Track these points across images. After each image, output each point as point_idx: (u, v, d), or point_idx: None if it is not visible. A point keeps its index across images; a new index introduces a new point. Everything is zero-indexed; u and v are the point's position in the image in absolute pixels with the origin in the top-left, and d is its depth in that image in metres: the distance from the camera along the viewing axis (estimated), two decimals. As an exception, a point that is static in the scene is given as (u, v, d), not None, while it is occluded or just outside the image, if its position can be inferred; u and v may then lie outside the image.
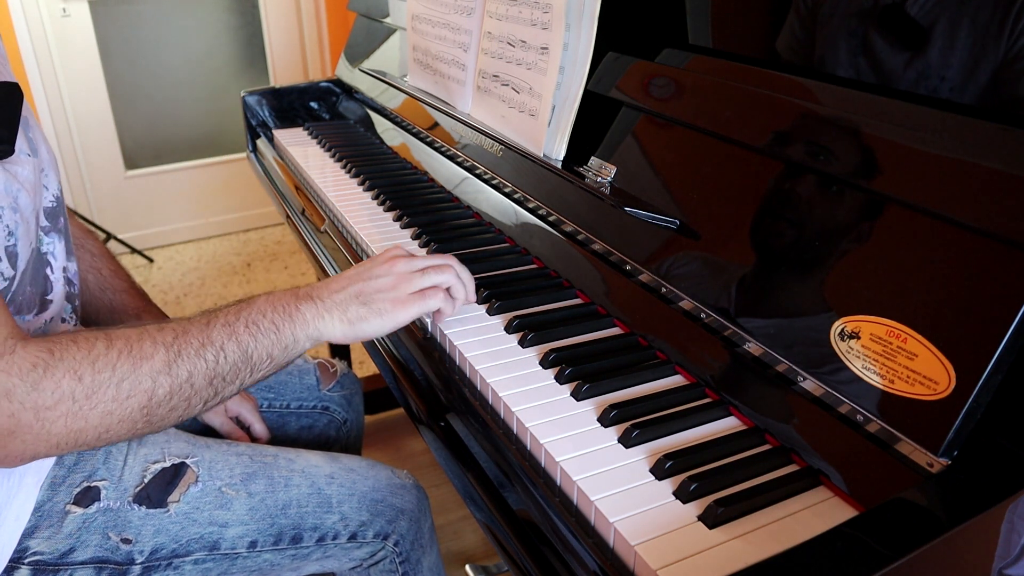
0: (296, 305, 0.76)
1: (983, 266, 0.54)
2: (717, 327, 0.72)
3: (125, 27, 3.01)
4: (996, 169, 0.55)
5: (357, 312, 0.77)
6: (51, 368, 0.63)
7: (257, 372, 0.74)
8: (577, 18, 0.94)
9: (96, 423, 0.65)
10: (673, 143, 0.85)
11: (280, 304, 0.75)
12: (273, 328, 0.74)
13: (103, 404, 0.65)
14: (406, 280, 0.79)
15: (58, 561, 0.78)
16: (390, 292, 0.78)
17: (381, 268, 0.80)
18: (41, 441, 0.64)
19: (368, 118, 1.62)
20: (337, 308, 0.77)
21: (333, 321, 0.76)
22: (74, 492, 0.80)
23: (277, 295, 0.77)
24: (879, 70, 0.68)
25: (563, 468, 0.62)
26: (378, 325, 0.77)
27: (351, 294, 0.78)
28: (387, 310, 0.78)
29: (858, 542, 0.47)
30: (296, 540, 0.88)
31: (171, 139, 3.23)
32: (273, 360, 0.75)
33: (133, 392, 0.66)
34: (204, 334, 0.70)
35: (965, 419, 0.52)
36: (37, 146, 0.81)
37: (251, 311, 0.74)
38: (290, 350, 0.75)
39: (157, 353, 0.67)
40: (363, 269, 0.80)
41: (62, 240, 0.86)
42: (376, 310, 0.77)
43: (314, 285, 0.79)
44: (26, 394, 0.62)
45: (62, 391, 0.63)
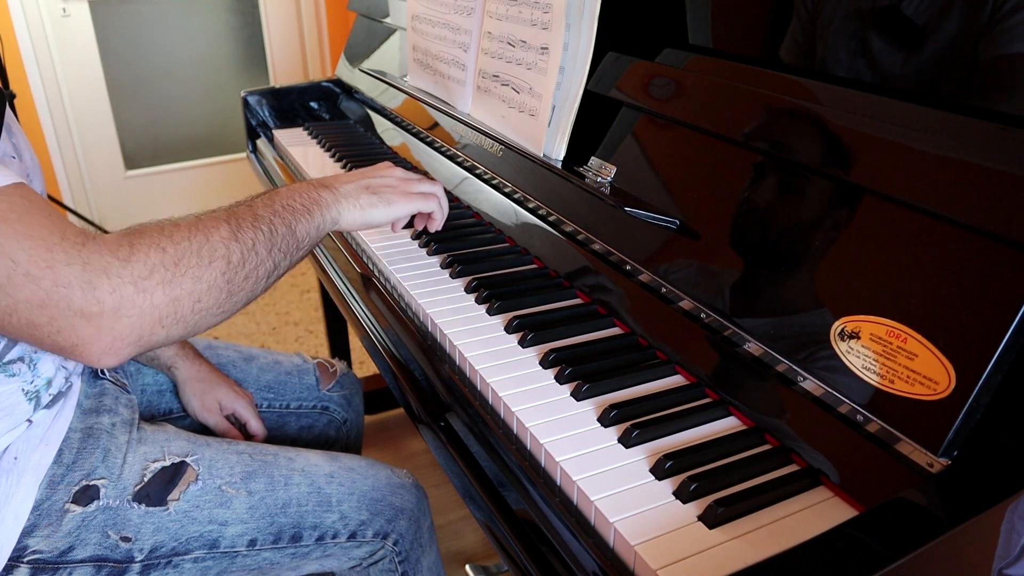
0: (318, 192, 0.84)
1: (983, 266, 0.54)
2: (717, 327, 0.72)
3: (125, 27, 3.01)
4: (996, 169, 0.55)
5: (368, 200, 0.87)
6: (136, 244, 0.67)
7: (301, 248, 0.81)
8: (577, 18, 0.94)
9: (189, 288, 0.69)
10: (673, 143, 0.85)
11: (303, 191, 0.83)
12: (305, 210, 0.81)
13: (191, 269, 0.69)
14: (406, 183, 0.93)
15: (57, 559, 0.78)
16: (395, 188, 0.90)
17: (385, 171, 0.92)
18: (145, 315, 0.66)
19: (368, 118, 1.62)
20: (351, 195, 0.87)
21: (348, 206, 0.86)
22: (73, 491, 0.80)
23: (296, 185, 0.84)
24: (879, 70, 0.68)
25: (563, 468, 0.62)
26: (384, 212, 0.88)
27: (361, 186, 0.88)
28: (394, 200, 0.89)
29: (858, 542, 0.47)
30: (296, 539, 0.88)
31: (171, 139, 3.23)
32: (310, 237, 0.82)
33: (213, 257, 0.71)
34: (251, 212, 0.77)
35: (965, 419, 0.52)
36: (21, 151, 0.81)
37: (281, 196, 0.81)
38: (320, 229, 0.83)
39: (220, 225, 0.73)
40: (368, 170, 0.92)
41: None
42: (384, 199, 0.89)
43: (325, 178, 0.88)
44: (122, 267, 0.65)
45: (152, 261, 0.67)
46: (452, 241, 1.05)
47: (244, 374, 1.14)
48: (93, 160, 3.08)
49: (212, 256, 0.71)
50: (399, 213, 0.90)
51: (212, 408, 1.07)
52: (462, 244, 1.04)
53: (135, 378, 1.06)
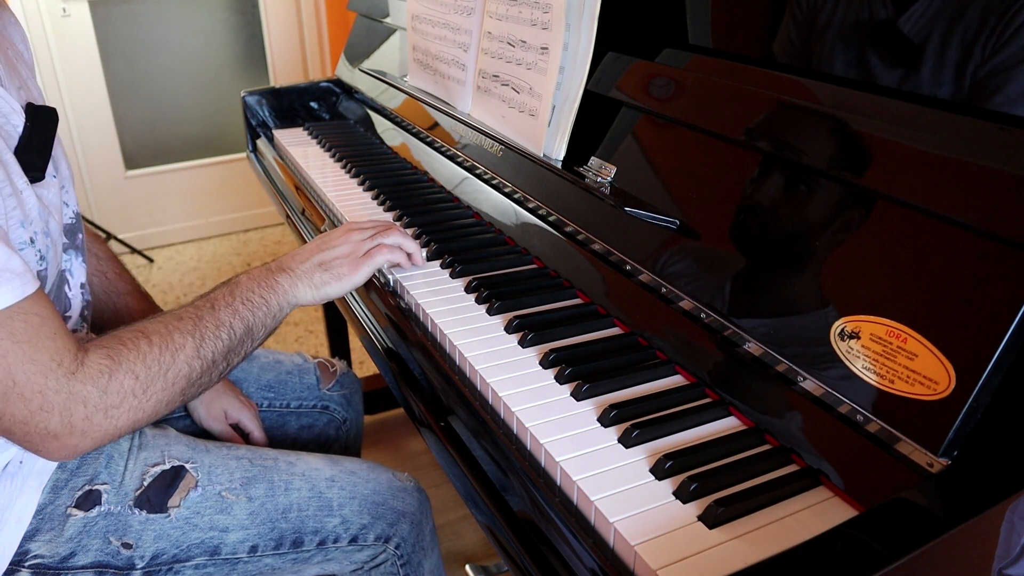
0: (275, 278, 0.87)
1: (983, 266, 0.54)
2: (717, 327, 0.72)
3: (125, 27, 3.01)
4: (996, 169, 0.55)
5: (321, 277, 0.90)
6: (114, 372, 0.71)
7: (256, 340, 0.85)
8: (577, 18, 0.94)
9: (151, 410, 0.75)
10: (673, 143, 0.85)
11: (262, 279, 0.87)
12: (263, 301, 0.85)
13: (156, 394, 0.74)
14: (358, 246, 0.93)
15: (59, 565, 0.78)
16: (346, 259, 0.92)
17: (338, 240, 0.93)
18: (108, 435, 0.72)
19: (368, 118, 1.62)
20: (305, 276, 0.89)
21: (304, 288, 0.89)
22: (76, 495, 0.80)
23: (256, 272, 0.88)
24: (879, 70, 0.68)
25: (563, 468, 0.62)
26: (338, 287, 0.91)
27: (315, 264, 0.90)
28: (344, 274, 0.91)
29: (858, 542, 0.47)
30: (297, 544, 0.88)
31: (171, 139, 3.23)
32: (267, 328, 0.86)
33: (176, 378, 0.76)
34: (215, 317, 0.81)
35: (965, 419, 0.52)
36: (59, 164, 0.82)
37: (241, 290, 0.84)
38: (277, 317, 0.87)
39: (187, 343, 0.77)
40: (322, 241, 0.94)
41: (79, 256, 0.87)
42: (335, 275, 0.90)
43: (283, 258, 0.91)
44: (99, 398, 0.70)
45: (125, 390, 0.72)
46: (452, 241, 1.05)
47: (245, 373, 1.14)
48: (93, 160, 3.08)
49: (176, 377, 0.76)
50: (352, 285, 0.92)
51: (218, 416, 1.07)
52: (462, 244, 1.04)
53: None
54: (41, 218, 0.75)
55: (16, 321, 0.66)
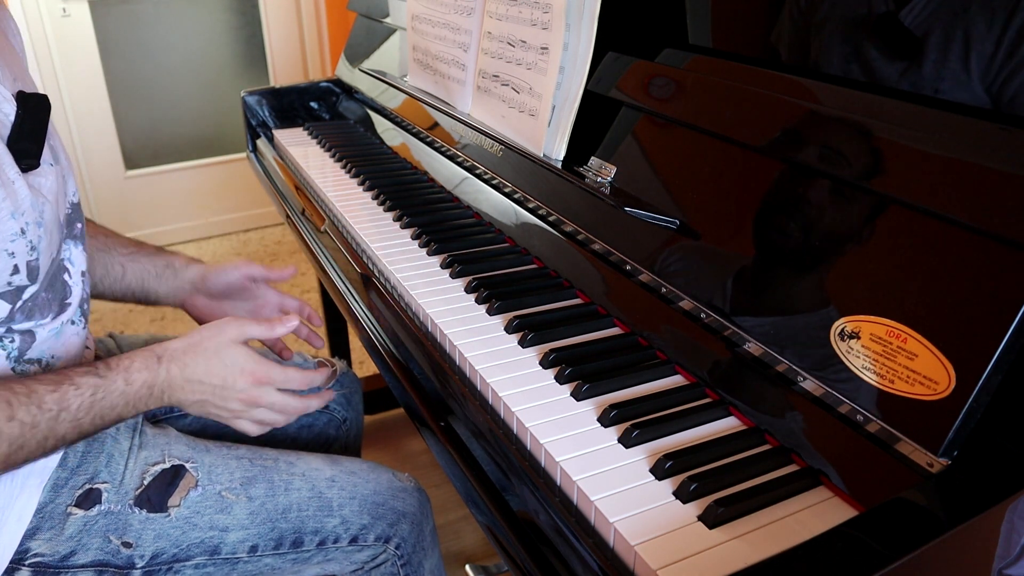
0: (147, 403, 0.79)
1: (983, 266, 0.54)
2: (717, 327, 0.72)
3: (125, 27, 3.01)
4: (996, 169, 0.55)
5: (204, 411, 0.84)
6: None
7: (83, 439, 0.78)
8: (577, 18, 0.94)
9: None
10: (673, 143, 0.85)
11: (133, 400, 0.78)
12: (118, 419, 0.78)
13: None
14: (249, 415, 0.86)
15: (59, 564, 0.78)
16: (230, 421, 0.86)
17: (236, 403, 0.84)
18: None
19: (368, 118, 1.62)
20: (182, 407, 0.83)
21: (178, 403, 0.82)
22: (76, 494, 0.80)
23: (135, 390, 0.78)
24: (878, 70, 0.68)
25: (563, 468, 0.62)
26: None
27: (200, 409, 0.84)
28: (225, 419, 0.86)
29: (858, 542, 0.47)
30: (297, 544, 0.88)
31: (171, 139, 3.23)
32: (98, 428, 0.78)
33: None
34: (51, 428, 0.72)
35: (965, 419, 0.52)
36: (58, 153, 0.82)
37: (103, 406, 0.76)
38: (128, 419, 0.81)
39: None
40: (220, 392, 0.83)
41: (79, 245, 0.86)
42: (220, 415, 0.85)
43: (174, 382, 0.81)
44: None
45: None
46: (452, 241, 1.05)
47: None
48: (93, 160, 3.08)
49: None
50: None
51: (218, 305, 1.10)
52: (462, 244, 1.04)
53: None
54: (34, 208, 0.74)
55: None
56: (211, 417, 0.85)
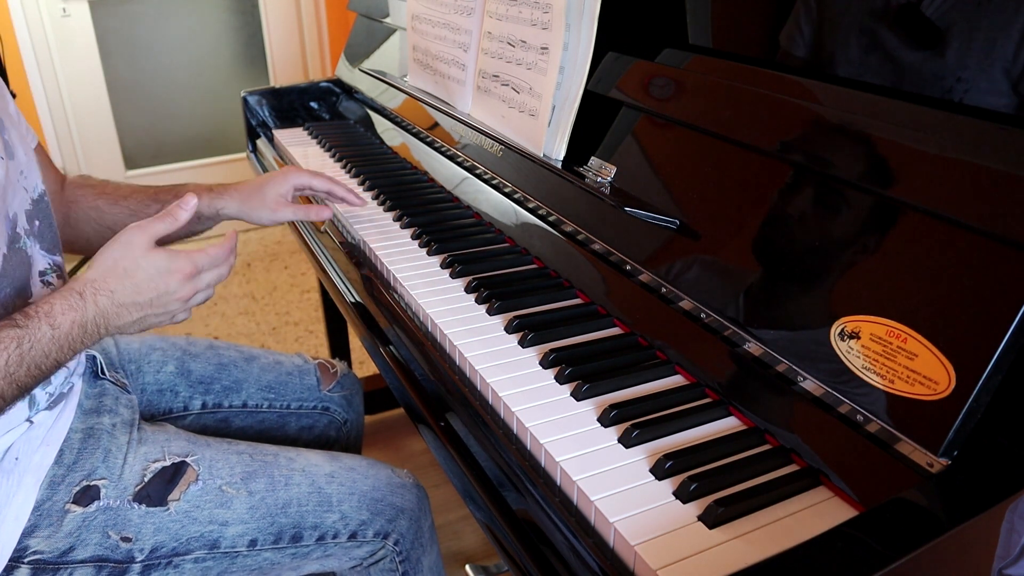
0: (83, 341, 0.76)
1: (983, 266, 0.54)
2: (717, 327, 0.72)
3: (125, 27, 3.01)
4: (996, 169, 0.55)
5: (138, 332, 0.82)
6: None
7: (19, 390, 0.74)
8: (577, 18, 0.94)
9: None
10: (673, 143, 0.85)
11: (67, 342, 0.75)
12: (56, 365, 0.75)
13: None
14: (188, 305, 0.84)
15: (58, 560, 0.78)
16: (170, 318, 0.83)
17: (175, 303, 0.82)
18: None
19: (368, 118, 1.62)
20: (122, 333, 0.80)
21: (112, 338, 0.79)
22: (74, 491, 0.80)
23: (64, 332, 0.75)
24: (878, 70, 0.68)
25: (563, 468, 0.62)
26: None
27: (140, 326, 0.81)
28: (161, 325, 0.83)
29: (858, 542, 0.47)
30: (296, 539, 0.88)
31: (171, 139, 3.23)
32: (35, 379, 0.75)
33: None
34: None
35: (965, 419, 0.52)
36: (13, 148, 0.81)
37: (35, 355, 0.73)
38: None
39: None
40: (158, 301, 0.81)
41: (36, 243, 0.85)
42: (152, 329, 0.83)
43: (106, 312, 0.78)
44: None
45: None
46: (452, 241, 1.05)
47: (245, 374, 1.14)
48: (93, 160, 3.08)
49: None
50: None
51: (280, 204, 1.09)
52: (462, 244, 1.04)
53: (135, 378, 1.06)
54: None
55: None
56: (152, 328, 0.83)
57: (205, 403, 1.10)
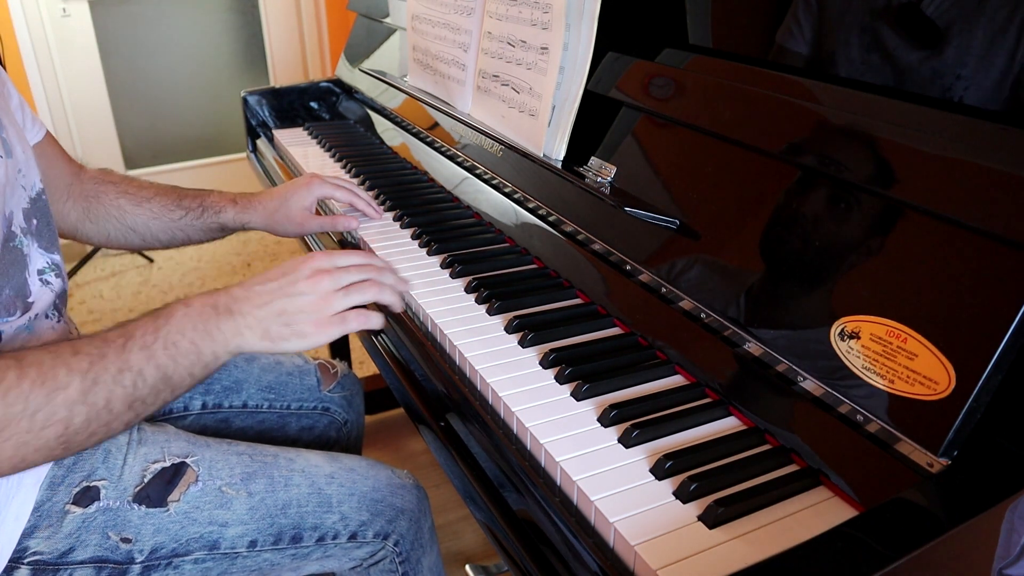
0: (216, 323, 0.74)
1: (983, 266, 0.54)
2: (717, 327, 0.72)
3: (125, 27, 3.01)
4: (996, 169, 0.55)
5: (279, 332, 0.76)
6: None
7: (178, 390, 0.73)
8: (577, 18, 0.94)
9: (10, 454, 0.63)
10: (673, 143, 0.85)
11: (200, 321, 0.73)
12: (193, 349, 0.72)
13: (17, 436, 0.63)
14: (328, 300, 0.78)
15: (58, 561, 0.78)
16: (312, 314, 0.77)
17: (305, 284, 0.78)
18: None
19: (368, 118, 1.62)
20: (259, 325, 0.76)
21: (254, 337, 0.76)
22: (73, 492, 0.80)
23: (196, 308, 0.74)
24: (884, 70, 0.68)
25: (563, 468, 0.62)
26: (297, 345, 0.77)
27: (274, 312, 0.76)
28: (308, 332, 0.77)
29: (858, 542, 0.47)
30: (296, 540, 0.88)
31: (171, 139, 3.23)
32: (194, 377, 0.74)
33: (48, 423, 0.64)
34: (121, 359, 0.68)
35: (965, 419, 0.52)
36: (12, 147, 0.81)
37: (169, 329, 0.72)
38: (210, 366, 0.75)
39: (72, 383, 0.65)
40: (287, 282, 0.78)
41: (34, 242, 0.85)
42: (298, 331, 0.77)
43: (234, 294, 0.77)
44: None
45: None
46: (452, 241, 1.05)
47: (245, 374, 1.14)
48: (93, 160, 3.08)
49: (48, 421, 0.64)
50: (314, 344, 0.78)
51: (306, 218, 1.11)
52: (462, 244, 1.04)
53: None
54: None
55: None
56: (290, 335, 0.76)
57: (205, 403, 1.10)
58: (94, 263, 3.15)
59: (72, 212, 1.09)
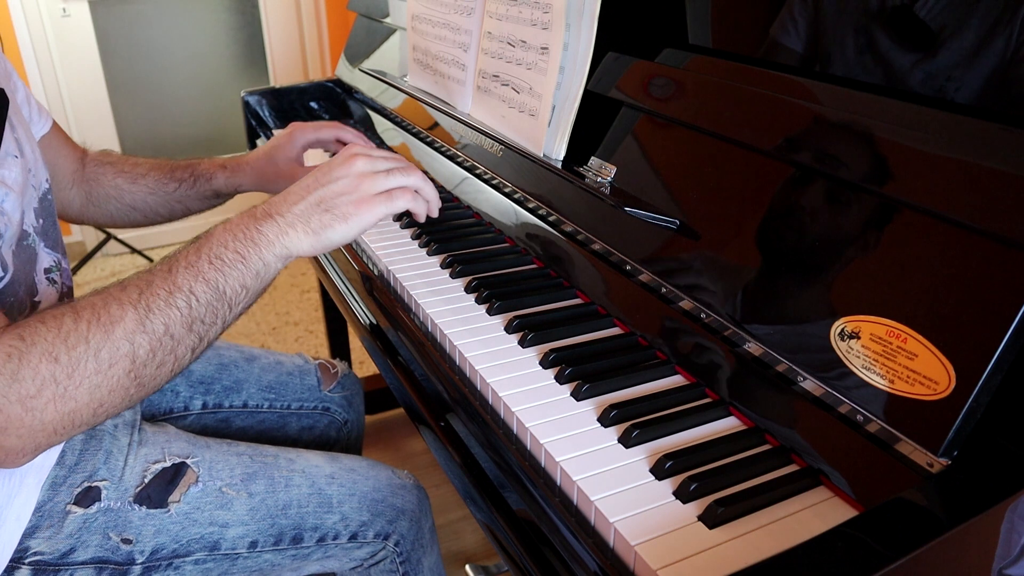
0: (257, 228, 0.73)
1: (983, 266, 0.54)
2: (717, 327, 0.72)
3: (125, 27, 3.01)
4: (996, 169, 0.55)
5: (320, 220, 0.74)
6: (25, 355, 0.61)
7: (236, 305, 0.72)
8: (577, 18, 0.94)
9: (86, 399, 0.63)
10: (673, 143, 0.85)
11: (240, 230, 0.72)
12: (239, 258, 0.71)
13: (87, 379, 0.63)
14: (368, 180, 0.77)
15: (58, 561, 0.78)
16: (352, 194, 0.76)
17: (340, 170, 0.77)
18: (37, 432, 0.62)
19: (368, 118, 1.62)
20: (300, 220, 0.74)
21: (298, 235, 0.74)
22: (75, 492, 0.80)
23: (235, 221, 0.73)
24: (878, 69, 0.68)
25: (563, 468, 0.62)
26: (344, 231, 0.75)
27: (312, 203, 0.75)
28: (351, 213, 0.75)
29: (858, 542, 0.47)
30: (297, 540, 0.88)
31: (171, 139, 3.23)
32: (248, 289, 0.72)
33: (114, 359, 0.64)
34: (169, 282, 0.68)
35: (965, 419, 0.52)
36: (22, 146, 0.81)
37: (211, 245, 0.71)
38: (263, 275, 0.73)
39: (126, 314, 0.65)
40: (320, 174, 0.77)
41: (41, 241, 0.85)
42: (340, 215, 0.75)
43: (272, 200, 0.76)
44: (7, 387, 0.60)
45: (42, 376, 0.61)
46: (452, 241, 1.05)
47: (246, 374, 1.14)
48: (93, 160, 3.08)
49: (113, 358, 0.64)
50: (362, 227, 0.76)
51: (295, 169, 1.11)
52: (462, 244, 1.04)
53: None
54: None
55: None
56: (333, 220, 0.74)
57: (206, 403, 1.10)
58: (94, 263, 3.15)
59: (77, 198, 1.10)
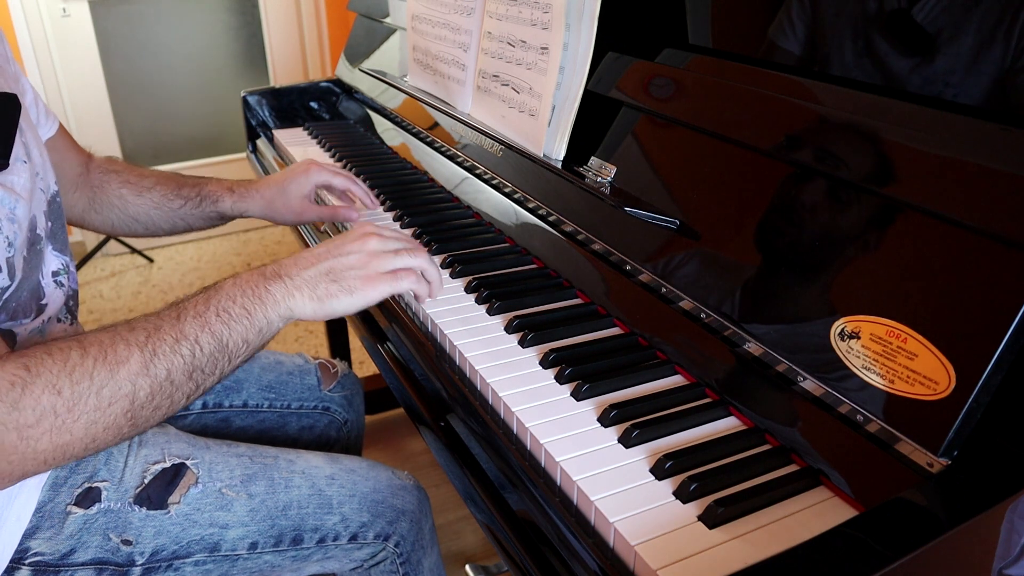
0: (265, 286, 0.74)
1: (983, 266, 0.54)
2: (717, 327, 0.72)
3: (125, 27, 3.01)
4: (996, 169, 0.55)
5: (327, 289, 0.76)
6: (29, 385, 0.61)
7: (235, 359, 0.74)
8: (577, 18, 0.94)
9: (81, 434, 0.64)
10: (673, 143, 0.85)
11: (249, 287, 0.74)
12: (245, 313, 0.73)
13: (86, 415, 0.64)
14: (377, 258, 0.79)
15: (59, 562, 0.78)
16: (360, 270, 0.78)
17: (352, 245, 0.80)
18: (28, 460, 0.62)
19: (368, 118, 1.62)
20: (307, 286, 0.76)
21: (303, 299, 0.76)
22: (75, 493, 0.80)
23: (244, 277, 0.75)
24: (878, 70, 0.68)
25: (563, 468, 0.62)
26: (347, 303, 0.77)
27: (322, 271, 0.77)
28: (357, 288, 0.77)
29: (858, 542, 0.47)
30: (297, 541, 0.88)
31: (171, 139, 3.23)
32: (249, 345, 0.74)
33: (115, 398, 0.65)
34: (176, 329, 0.69)
35: (965, 419, 0.52)
36: (30, 150, 0.81)
37: (220, 298, 0.73)
38: (264, 332, 0.75)
39: (132, 356, 0.66)
40: (334, 246, 0.80)
41: (49, 244, 0.85)
42: (346, 287, 0.77)
43: (282, 262, 0.78)
44: (7, 414, 0.60)
45: (43, 407, 0.62)
46: (452, 241, 1.05)
47: (246, 374, 1.14)
48: (93, 160, 3.08)
49: (114, 397, 0.65)
50: (365, 303, 0.78)
51: (302, 206, 1.12)
52: (462, 244, 1.04)
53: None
54: (5, 205, 0.72)
55: None
56: (339, 291, 0.76)
57: (205, 403, 1.10)
58: (94, 263, 3.15)
59: (79, 202, 1.10)
